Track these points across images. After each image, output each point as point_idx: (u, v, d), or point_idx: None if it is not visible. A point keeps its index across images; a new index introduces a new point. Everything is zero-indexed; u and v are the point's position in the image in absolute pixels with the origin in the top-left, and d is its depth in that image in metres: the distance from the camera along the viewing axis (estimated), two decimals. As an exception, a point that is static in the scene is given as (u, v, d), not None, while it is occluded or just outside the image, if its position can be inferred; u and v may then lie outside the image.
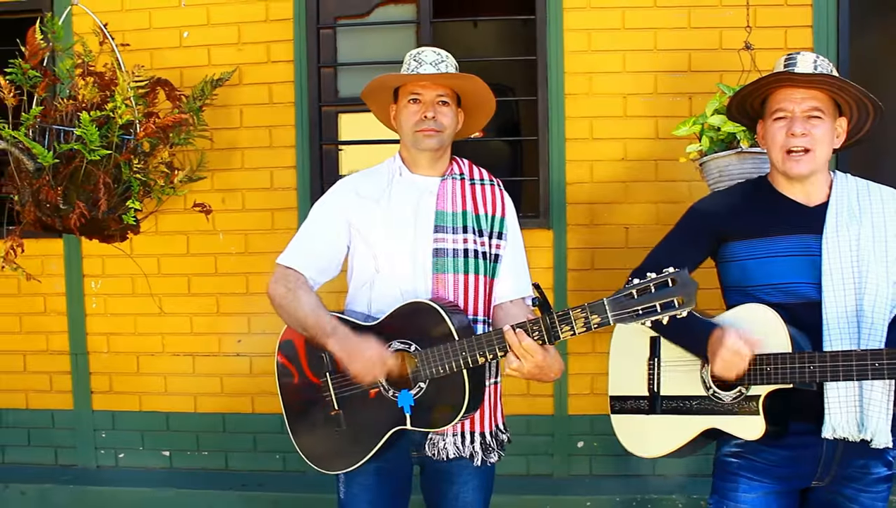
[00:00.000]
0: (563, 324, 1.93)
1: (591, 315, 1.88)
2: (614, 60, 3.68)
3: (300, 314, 2.22)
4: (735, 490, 2.13)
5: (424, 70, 2.31)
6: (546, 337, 1.96)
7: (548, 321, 1.95)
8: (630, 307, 1.82)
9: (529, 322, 1.99)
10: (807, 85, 2.10)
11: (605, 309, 1.86)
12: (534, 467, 3.80)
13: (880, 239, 2.08)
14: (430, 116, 2.29)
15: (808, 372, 1.92)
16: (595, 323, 1.88)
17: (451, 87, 2.34)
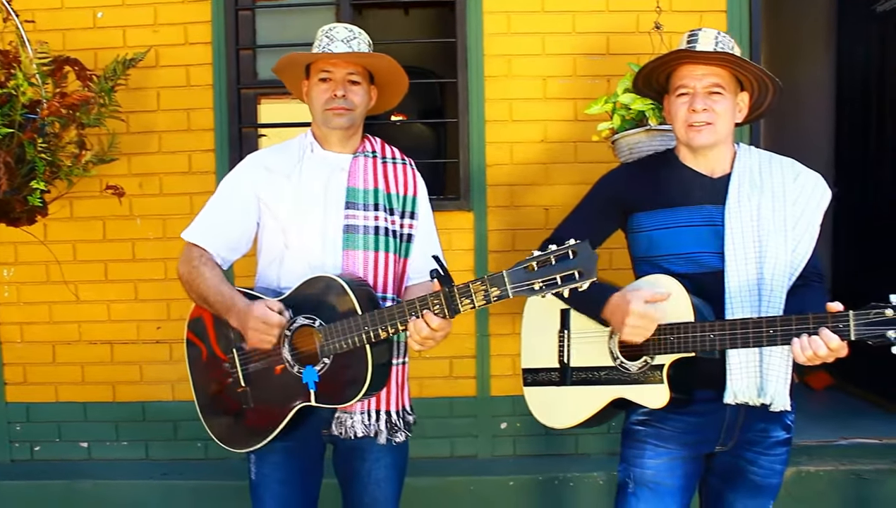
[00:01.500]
0: (462, 298, 1.94)
1: (491, 288, 1.89)
2: (533, 43, 3.70)
3: (202, 290, 2.20)
4: (641, 456, 2.17)
5: (336, 47, 2.28)
6: (446, 310, 1.97)
7: (448, 294, 1.95)
8: (530, 279, 1.82)
9: (430, 295, 1.99)
10: (707, 62, 2.14)
11: (505, 281, 1.86)
12: (458, 449, 3.82)
13: (780, 209, 2.13)
14: (341, 95, 2.27)
15: (709, 340, 1.96)
16: (495, 296, 1.88)
17: (363, 65, 2.32)
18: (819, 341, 1.81)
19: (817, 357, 1.82)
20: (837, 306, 1.81)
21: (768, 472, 2.19)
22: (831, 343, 1.80)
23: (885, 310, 1.72)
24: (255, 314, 2.10)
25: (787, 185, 2.17)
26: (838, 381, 5.15)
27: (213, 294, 2.18)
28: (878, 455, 3.89)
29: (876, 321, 1.73)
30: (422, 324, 2.00)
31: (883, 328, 1.72)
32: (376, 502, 2.38)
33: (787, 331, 1.85)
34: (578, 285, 1.78)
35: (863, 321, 1.75)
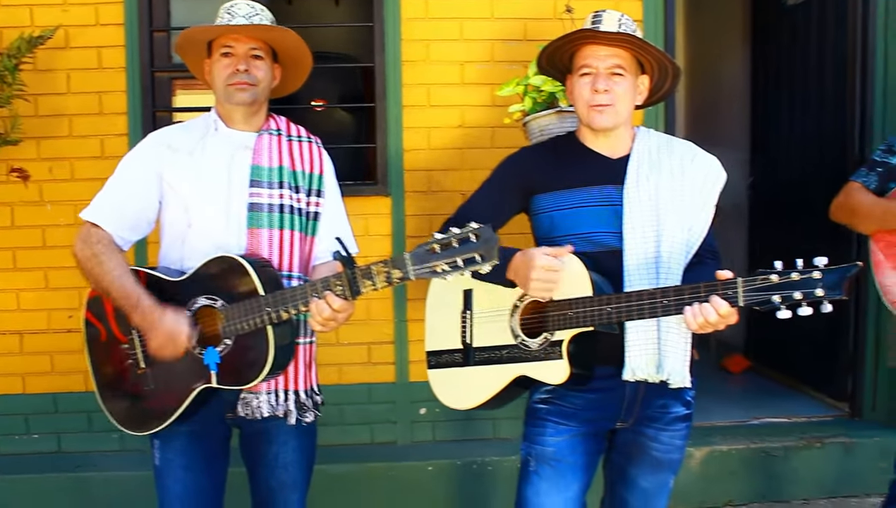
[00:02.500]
0: (364, 279, 1.93)
1: (393, 270, 1.88)
2: (451, 28, 3.71)
3: (105, 282, 2.14)
4: (543, 434, 2.19)
5: (237, 23, 2.25)
6: (348, 292, 1.96)
7: (350, 276, 1.94)
8: (432, 262, 1.82)
9: (333, 277, 1.97)
10: (610, 43, 2.16)
11: (406, 264, 1.85)
12: (377, 435, 3.81)
13: (677, 189, 2.17)
14: (243, 69, 2.23)
15: (606, 313, 1.98)
16: (397, 278, 1.88)
17: (265, 41, 2.29)
18: (709, 307, 1.84)
19: (708, 323, 1.86)
20: (727, 274, 1.85)
21: (669, 448, 2.23)
22: (721, 309, 1.83)
23: (770, 276, 1.76)
24: (164, 329, 2.09)
25: (685, 167, 2.21)
26: (755, 365, 5.29)
27: (116, 288, 2.13)
28: (786, 433, 4.02)
29: (762, 287, 1.77)
30: (323, 305, 1.98)
31: (768, 293, 1.76)
32: (284, 486, 2.35)
33: (680, 300, 1.88)
34: (480, 268, 1.79)
35: (750, 287, 1.79)
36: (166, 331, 2.08)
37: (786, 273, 1.74)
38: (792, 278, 1.74)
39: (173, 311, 2.10)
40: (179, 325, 2.09)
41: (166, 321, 2.09)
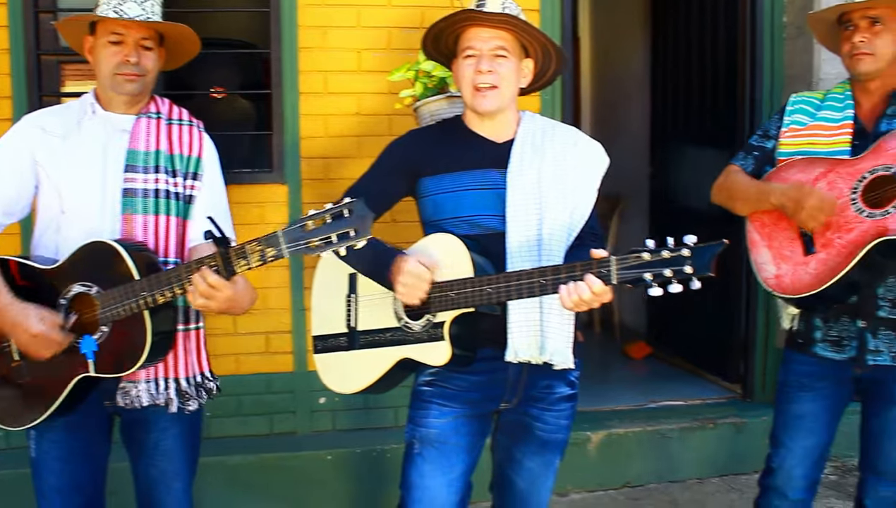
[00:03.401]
0: (238, 259, 1.89)
1: (267, 248, 1.85)
2: (348, 15, 3.67)
3: None
4: (426, 416, 2.19)
5: (129, 8, 2.18)
6: (223, 271, 1.92)
7: (224, 255, 1.90)
8: (306, 239, 1.80)
9: (206, 257, 1.93)
10: (493, 24, 2.16)
11: (280, 241, 1.83)
12: (277, 425, 3.76)
13: (560, 173, 2.19)
14: (134, 61, 2.18)
15: (486, 294, 1.99)
16: (271, 256, 1.85)
17: (156, 29, 2.24)
18: (583, 285, 1.86)
19: (582, 301, 1.87)
20: (601, 253, 1.87)
21: (554, 428, 2.25)
22: (594, 286, 1.85)
23: (642, 255, 1.79)
24: (33, 332, 2.03)
25: (568, 151, 2.23)
26: (656, 351, 5.40)
27: None
28: (682, 415, 4.13)
29: (635, 265, 1.80)
30: (198, 278, 1.92)
31: (640, 271, 1.79)
32: (165, 475, 2.29)
33: (557, 279, 1.90)
34: (354, 243, 1.77)
35: (623, 265, 1.82)
36: (30, 331, 2.03)
37: (657, 251, 1.78)
38: (663, 256, 1.77)
39: (36, 308, 2.05)
40: (42, 324, 2.03)
41: (33, 324, 2.03)
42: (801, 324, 2.51)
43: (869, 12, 2.35)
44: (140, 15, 2.18)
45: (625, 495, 3.87)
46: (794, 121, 2.53)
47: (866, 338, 2.37)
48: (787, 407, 2.54)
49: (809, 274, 2.32)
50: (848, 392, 2.50)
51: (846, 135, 2.42)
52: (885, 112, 2.41)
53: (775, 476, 2.56)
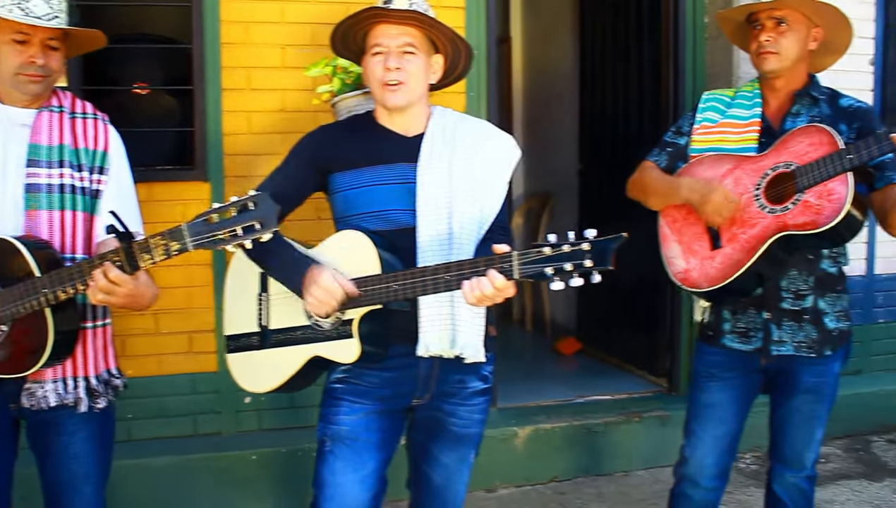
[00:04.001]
0: (142, 253, 1.87)
1: (171, 242, 1.83)
2: (272, 10, 3.64)
3: None
4: (337, 413, 2.18)
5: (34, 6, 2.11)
6: (126, 266, 1.89)
7: (127, 249, 1.87)
8: (211, 232, 1.78)
9: (110, 252, 1.90)
10: (400, 21, 2.17)
11: (184, 235, 1.81)
12: (201, 426, 3.71)
13: (470, 167, 2.20)
14: (41, 63, 2.12)
15: (392, 290, 1.98)
16: (175, 250, 1.83)
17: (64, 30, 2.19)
18: (485, 281, 1.87)
19: (485, 296, 1.88)
20: (504, 248, 1.88)
21: (467, 422, 2.26)
22: (496, 281, 1.86)
23: (543, 249, 1.80)
24: None
25: (478, 145, 2.24)
26: (586, 347, 5.47)
27: None
28: (608, 409, 4.18)
29: (536, 260, 1.81)
30: (98, 274, 1.89)
31: (541, 265, 1.80)
32: (75, 479, 2.24)
33: (461, 275, 1.90)
34: (260, 236, 1.76)
35: (525, 260, 1.83)
36: None
37: (558, 245, 1.79)
38: (563, 250, 1.78)
39: None
40: None
41: None
42: (711, 317, 2.56)
43: (775, 13, 2.41)
44: (48, 14, 2.12)
45: (552, 489, 3.91)
46: (706, 119, 2.58)
47: (771, 329, 2.43)
48: (698, 396, 2.59)
49: (715, 269, 2.37)
50: (756, 382, 2.56)
51: (754, 133, 2.48)
52: (790, 110, 2.47)
53: (688, 465, 2.61)
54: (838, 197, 2.17)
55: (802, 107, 2.47)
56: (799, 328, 2.43)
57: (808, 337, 2.43)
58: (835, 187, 2.18)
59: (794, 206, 2.24)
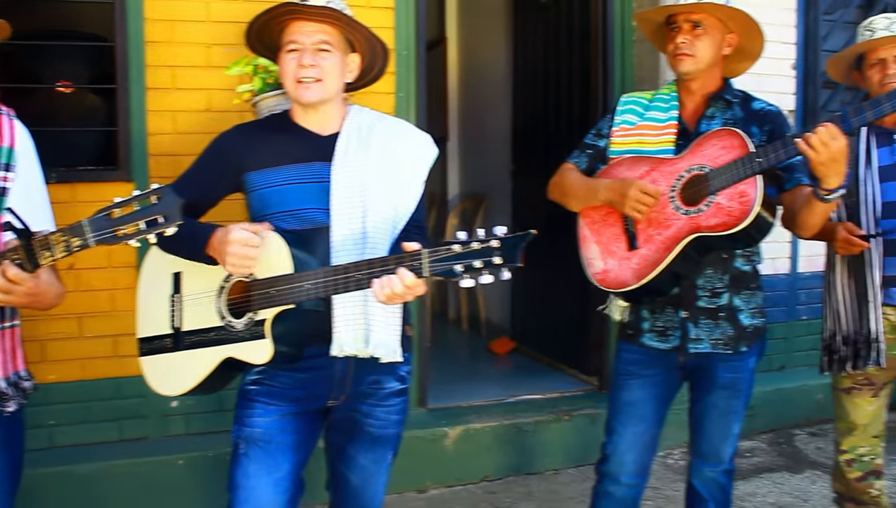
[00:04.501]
0: (42, 250, 1.82)
1: (72, 238, 1.79)
2: (196, 9, 3.58)
3: None
4: (251, 416, 2.16)
5: None
6: (25, 264, 1.84)
7: (26, 247, 1.83)
8: (113, 227, 1.74)
9: (9, 250, 1.85)
10: (316, 18, 2.16)
11: (85, 230, 1.76)
12: (127, 431, 3.63)
13: (386, 166, 2.20)
14: None
15: (304, 289, 1.97)
16: (76, 246, 1.79)
17: None
18: (395, 279, 1.87)
19: (395, 294, 1.88)
20: (414, 246, 1.88)
21: (384, 423, 2.26)
22: (406, 279, 1.86)
23: (453, 247, 1.81)
24: None
25: (394, 144, 2.24)
26: (520, 346, 5.50)
27: None
28: (539, 408, 4.21)
29: (445, 257, 1.81)
30: None
31: (451, 263, 1.81)
32: (-20, 487, 2.18)
33: (372, 273, 1.90)
34: (164, 229, 1.74)
35: (434, 258, 1.83)
36: None
37: (467, 243, 1.80)
38: (472, 248, 1.79)
39: None
40: None
41: None
42: (630, 316, 2.60)
43: (691, 16, 2.46)
44: None
45: (482, 489, 3.92)
46: (625, 121, 2.62)
47: (688, 328, 2.48)
48: (619, 394, 2.62)
49: (632, 269, 2.40)
50: (676, 379, 2.60)
51: (671, 135, 2.52)
52: (704, 113, 2.52)
53: (609, 462, 2.65)
54: (748, 199, 2.21)
55: (717, 110, 2.52)
56: (715, 325, 2.47)
57: (724, 334, 2.48)
58: (745, 189, 2.23)
59: (707, 208, 2.29)
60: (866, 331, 2.77)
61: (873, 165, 2.77)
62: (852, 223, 2.73)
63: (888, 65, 2.72)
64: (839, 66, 2.96)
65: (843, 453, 3.02)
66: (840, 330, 2.86)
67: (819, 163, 2.15)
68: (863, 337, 2.78)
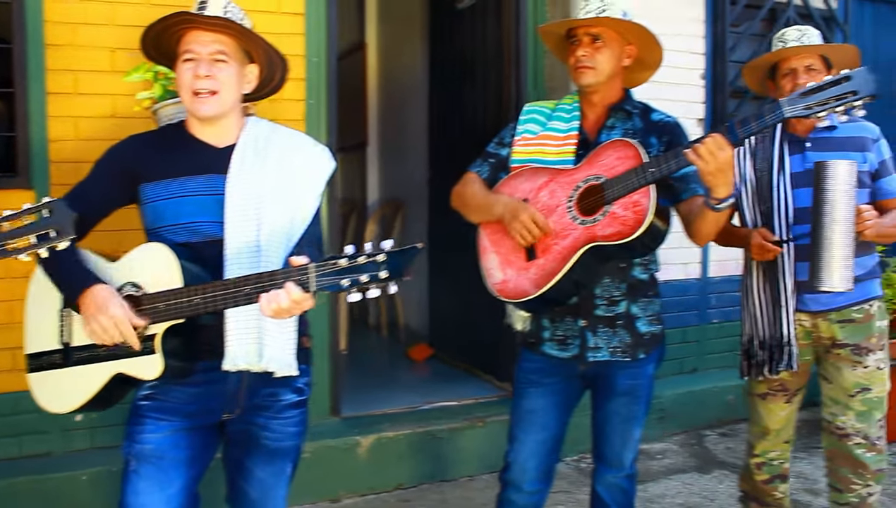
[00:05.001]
0: None
1: None
2: (100, 12, 3.50)
3: None
4: (142, 432, 2.12)
5: None
6: None
7: None
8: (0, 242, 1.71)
9: None
10: (212, 28, 2.13)
11: None
12: (27, 447, 3.52)
13: (281, 178, 2.18)
14: None
15: (194, 304, 1.95)
16: None
17: None
18: (282, 293, 1.86)
19: (282, 309, 1.86)
20: (301, 260, 1.86)
21: (281, 436, 2.23)
22: (293, 294, 1.85)
23: (339, 261, 1.80)
24: None
25: (291, 157, 2.22)
26: (438, 352, 5.51)
27: None
28: (453, 415, 4.23)
29: (332, 271, 1.81)
30: None
31: (337, 277, 1.80)
32: None
33: (260, 288, 1.88)
34: (55, 244, 1.71)
35: (321, 272, 1.82)
36: None
37: (354, 257, 1.79)
38: (359, 262, 1.78)
39: None
40: None
41: None
42: (531, 325, 2.62)
43: (591, 30, 2.49)
44: None
45: (396, 497, 3.92)
46: (527, 130, 2.64)
47: (587, 337, 2.51)
48: (520, 402, 2.65)
49: (530, 279, 2.42)
50: (576, 387, 2.64)
51: (572, 146, 2.55)
52: (605, 123, 2.56)
53: (511, 470, 2.67)
54: (642, 208, 2.25)
55: (617, 120, 2.56)
56: (613, 333, 2.51)
57: (623, 341, 2.52)
58: (639, 199, 2.27)
59: (603, 218, 2.32)
60: (779, 335, 2.86)
61: (786, 172, 2.87)
62: (766, 229, 2.82)
63: (799, 74, 2.81)
64: (754, 74, 3.06)
65: (755, 456, 3.12)
66: (757, 334, 2.95)
67: (708, 172, 2.20)
68: (776, 342, 2.87)
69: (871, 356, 2.88)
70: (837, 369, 2.92)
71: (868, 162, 2.87)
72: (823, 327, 2.91)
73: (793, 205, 2.85)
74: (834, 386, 2.95)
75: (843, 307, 2.88)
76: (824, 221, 2.62)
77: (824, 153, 2.83)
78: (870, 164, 2.87)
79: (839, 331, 2.89)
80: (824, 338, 2.93)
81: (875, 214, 2.69)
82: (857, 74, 2.10)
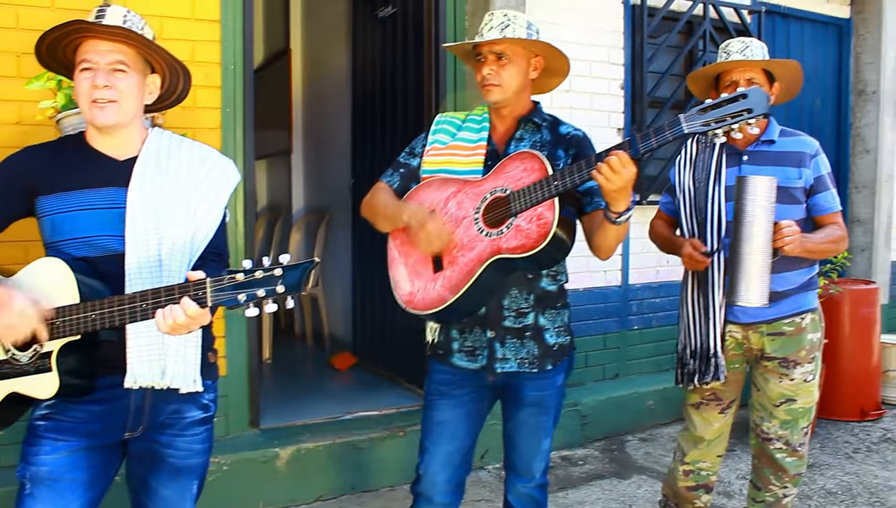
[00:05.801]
0: None
1: None
2: (6, 15, 3.39)
3: None
4: (38, 453, 2.06)
5: None
6: None
7: None
8: None
9: None
10: (111, 38, 2.09)
11: None
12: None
13: (184, 191, 2.15)
14: None
15: (91, 320, 1.91)
16: None
17: None
18: (178, 309, 1.84)
19: (178, 325, 1.85)
20: (198, 275, 1.85)
21: (187, 453, 2.19)
22: (189, 309, 1.84)
23: (236, 276, 1.79)
24: None
25: (194, 169, 2.19)
26: (362, 361, 5.49)
27: None
28: (374, 425, 4.22)
29: (228, 286, 1.80)
30: None
31: (234, 292, 1.79)
32: None
33: (157, 303, 1.86)
34: None
35: (218, 287, 1.81)
36: None
37: (250, 272, 1.78)
38: (256, 277, 1.78)
39: None
40: None
41: None
42: (440, 336, 2.62)
43: (494, 48, 2.50)
44: None
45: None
46: (437, 141, 2.65)
47: (495, 347, 2.52)
48: (430, 414, 2.65)
49: (437, 291, 2.42)
50: (486, 397, 2.65)
51: (480, 157, 2.56)
52: (514, 135, 2.58)
53: (422, 482, 2.67)
54: (545, 221, 2.27)
55: (526, 132, 2.58)
56: (521, 345, 2.53)
57: (530, 352, 2.54)
58: (543, 212, 2.29)
59: (508, 230, 2.33)
60: (706, 347, 2.92)
61: (721, 184, 2.92)
62: (699, 239, 2.88)
63: (740, 86, 2.86)
64: (699, 83, 3.11)
65: (685, 463, 3.16)
66: (689, 344, 3.01)
67: (611, 190, 2.23)
68: (704, 353, 2.93)
69: (799, 369, 2.96)
70: (765, 380, 3.01)
71: (803, 177, 2.93)
72: (754, 339, 2.99)
73: (726, 217, 2.91)
74: (761, 394, 3.04)
75: (773, 320, 2.95)
76: (743, 236, 2.69)
77: (760, 167, 2.90)
78: (805, 180, 2.94)
79: (769, 344, 2.97)
80: (755, 350, 3.01)
81: (797, 230, 2.73)
82: (753, 93, 2.16)
